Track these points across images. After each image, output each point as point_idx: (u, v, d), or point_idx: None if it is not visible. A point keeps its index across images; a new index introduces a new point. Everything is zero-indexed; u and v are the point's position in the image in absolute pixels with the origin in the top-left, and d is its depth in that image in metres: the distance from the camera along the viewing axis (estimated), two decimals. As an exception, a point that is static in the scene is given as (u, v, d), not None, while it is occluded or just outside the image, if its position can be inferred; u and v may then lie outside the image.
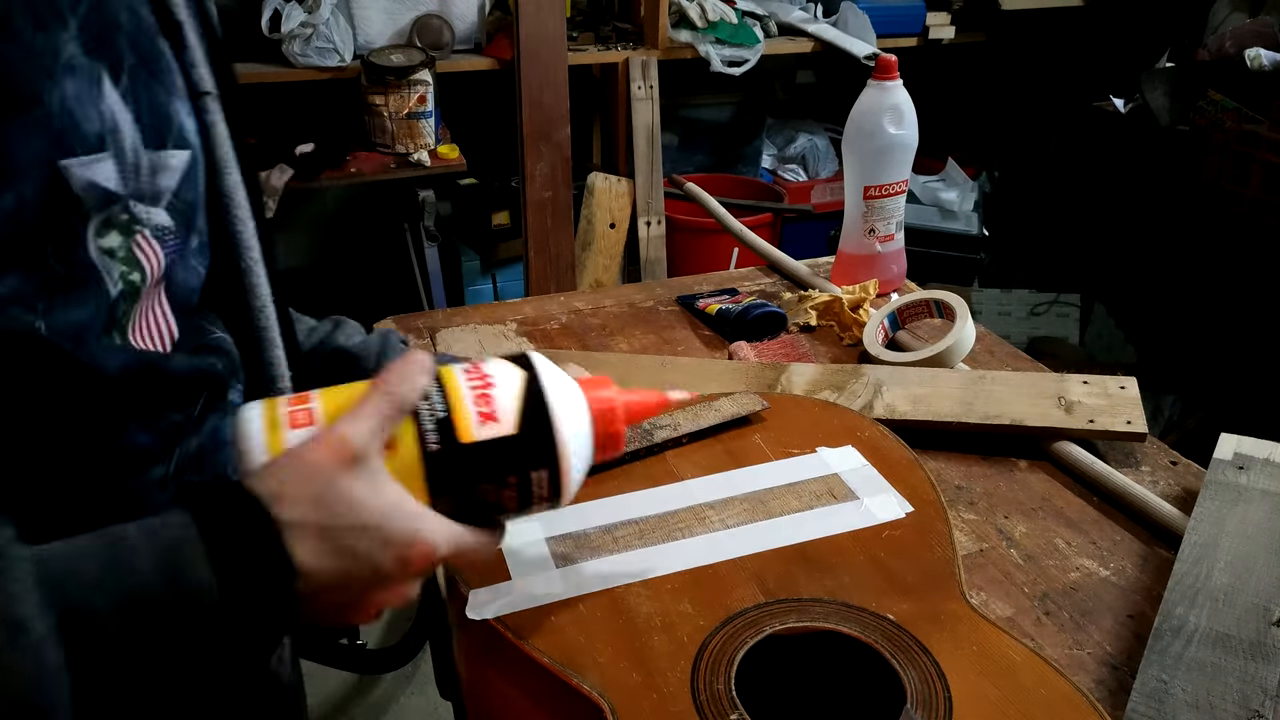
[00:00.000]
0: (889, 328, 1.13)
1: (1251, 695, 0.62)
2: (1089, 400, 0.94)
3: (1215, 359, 2.43)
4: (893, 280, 1.27)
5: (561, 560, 0.68)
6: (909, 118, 1.21)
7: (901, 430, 0.84)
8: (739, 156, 3.09)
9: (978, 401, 0.95)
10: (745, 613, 0.63)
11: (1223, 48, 2.44)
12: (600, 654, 0.60)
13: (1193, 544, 0.75)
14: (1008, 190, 3.23)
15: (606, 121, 2.88)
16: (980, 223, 2.82)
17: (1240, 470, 0.83)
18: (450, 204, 2.85)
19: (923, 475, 0.77)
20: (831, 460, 0.79)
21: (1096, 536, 0.82)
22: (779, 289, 1.29)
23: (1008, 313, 2.89)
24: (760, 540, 0.70)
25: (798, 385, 1.00)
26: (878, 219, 1.25)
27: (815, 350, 1.14)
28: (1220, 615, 0.68)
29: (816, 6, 3.00)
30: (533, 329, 1.18)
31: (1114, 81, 2.68)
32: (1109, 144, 2.69)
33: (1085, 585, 0.77)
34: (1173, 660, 0.65)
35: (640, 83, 2.69)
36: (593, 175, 2.73)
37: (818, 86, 3.39)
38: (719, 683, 0.58)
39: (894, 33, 2.90)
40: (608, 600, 0.64)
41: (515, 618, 0.63)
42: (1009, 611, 0.74)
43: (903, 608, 0.63)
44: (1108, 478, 0.87)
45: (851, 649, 0.61)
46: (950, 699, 0.57)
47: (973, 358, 1.08)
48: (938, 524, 0.71)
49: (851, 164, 1.25)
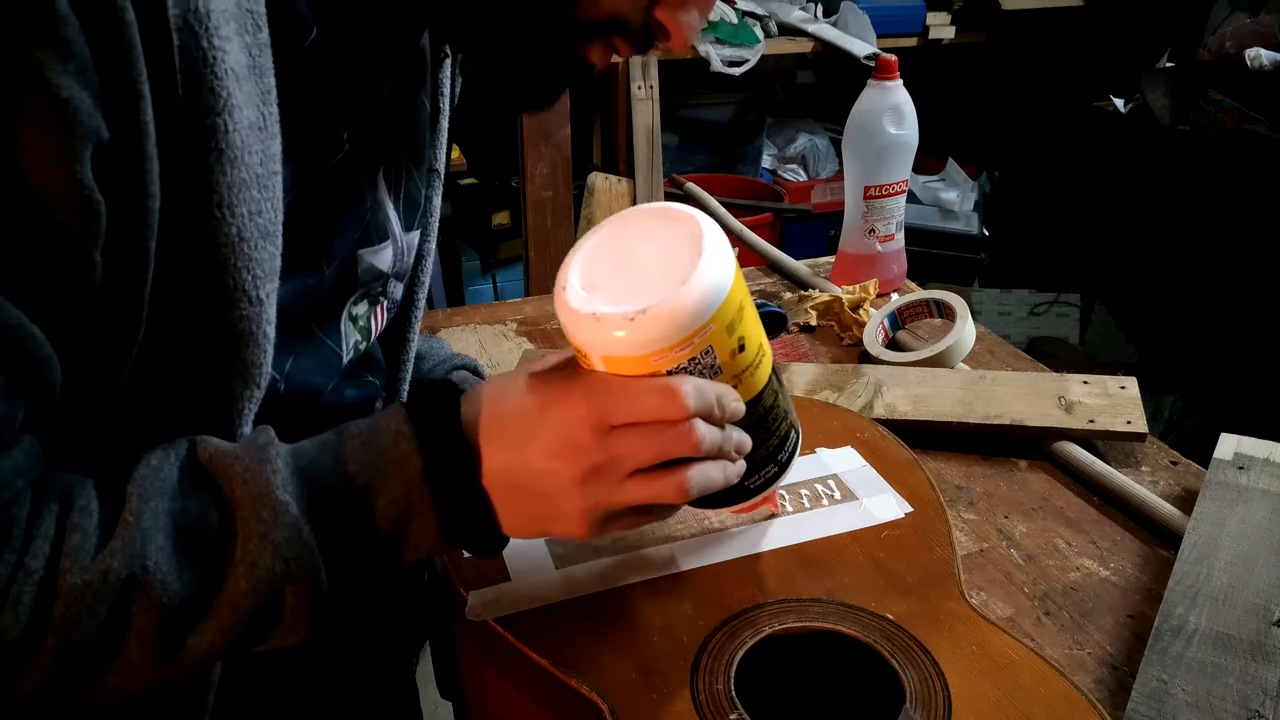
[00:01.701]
0: (889, 328, 1.13)
1: (1251, 695, 0.62)
2: (1089, 400, 0.94)
3: (1215, 359, 2.43)
4: (893, 280, 1.27)
5: (561, 561, 0.68)
6: (909, 118, 1.21)
7: (901, 430, 0.84)
8: (739, 156, 3.09)
9: (978, 401, 0.95)
10: (744, 613, 0.63)
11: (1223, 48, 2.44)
12: (600, 654, 0.60)
13: (1193, 544, 0.75)
14: (1008, 190, 3.23)
15: (606, 121, 2.88)
16: (980, 223, 2.82)
17: (1240, 470, 0.83)
18: (450, 204, 2.85)
19: (922, 475, 0.76)
20: (831, 461, 0.78)
21: (1096, 536, 0.82)
22: (779, 289, 1.29)
23: (1008, 313, 2.89)
24: (760, 541, 0.70)
25: (798, 385, 1.00)
26: (878, 219, 1.25)
27: (815, 350, 1.14)
28: (1220, 615, 0.68)
29: (816, 6, 3.00)
30: (533, 329, 1.18)
31: (1114, 81, 2.68)
32: (1109, 144, 2.69)
33: (1085, 585, 0.77)
34: (1173, 660, 0.65)
35: (640, 83, 2.69)
36: (593, 175, 2.72)
37: (818, 86, 3.39)
38: (718, 683, 0.57)
39: (894, 33, 2.89)
40: (607, 601, 0.64)
41: (515, 618, 0.63)
42: (1009, 611, 0.74)
43: (902, 608, 0.63)
44: (1108, 478, 0.87)
45: (851, 649, 0.61)
46: (949, 699, 0.57)
47: (973, 358, 1.08)
48: (937, 524, 0.71)
49: (851, 164, 1.25)
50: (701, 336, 0.52)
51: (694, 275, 0.51)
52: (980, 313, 2.83)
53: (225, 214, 0.48)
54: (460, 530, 0.53)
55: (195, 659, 0.48)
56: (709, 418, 0.52)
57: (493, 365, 1.10)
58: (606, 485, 0.51)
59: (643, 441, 0.51)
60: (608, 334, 0.51)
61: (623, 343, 0.51)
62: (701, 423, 0.52)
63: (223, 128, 0.47)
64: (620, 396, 0.51)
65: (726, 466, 0.54)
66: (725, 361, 0.54)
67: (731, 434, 0.55)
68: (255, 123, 0.49)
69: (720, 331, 0.53)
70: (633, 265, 0.54)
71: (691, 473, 0.52)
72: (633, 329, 0.51)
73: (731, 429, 0.55)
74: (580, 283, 0.53)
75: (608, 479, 0.51)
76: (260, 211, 0.50)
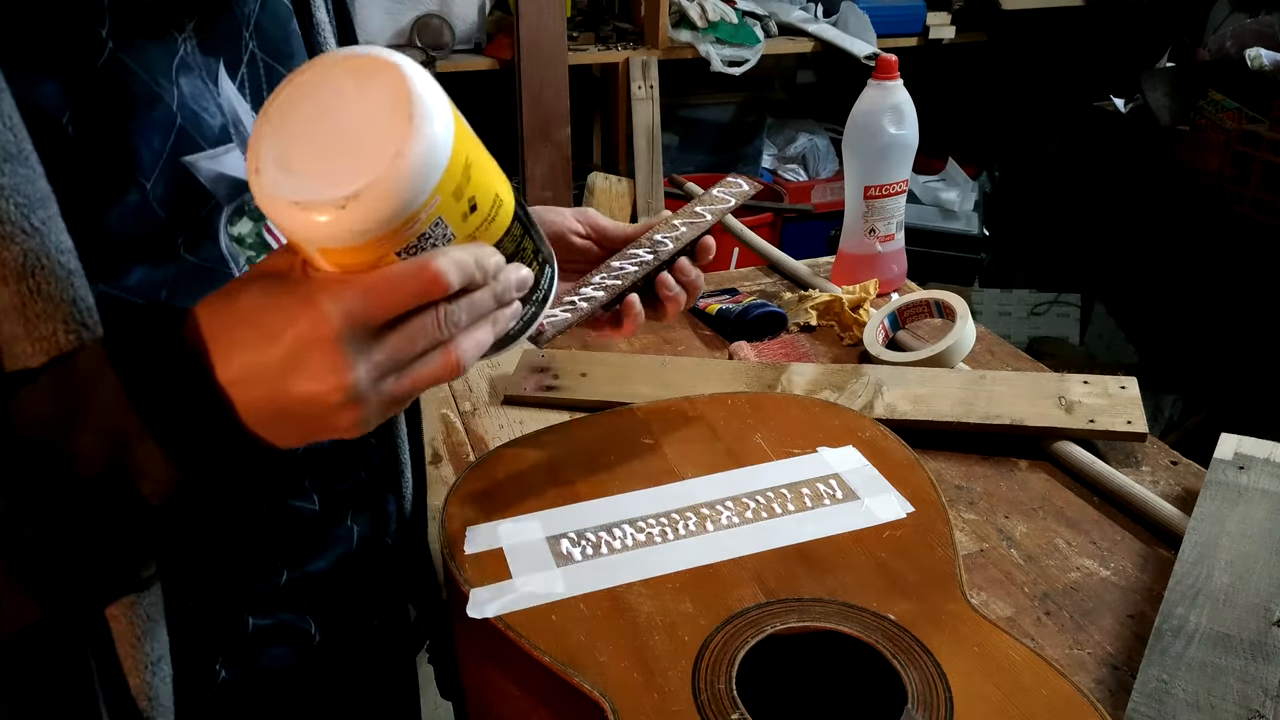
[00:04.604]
0: (889, 328, 1.13)
1: (1252, 695, 0.62)
2: (1089, 400, 0.94)
3: (1215, 359, 2.43)
4: (893, 280, 1.27)
5: (562, 559, 0.68)
6: (909, 117, 1.21)
7: (901, 430, 0.84)
8: (739, 156, 3.09)
9: (978, 401, 0.95)
10: (746, 612, 0.63)
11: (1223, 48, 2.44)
12: (601, 653, 0.60)
13: (1193, 544, 0.75)
14: (1008, 190, 3.23)
15: (606, 121, 2.88)
16: (980, 223, 2.82)
17: (1241, 470, 0.83)
18: (450, 204, 2.85)
19: (923, 475, 0.77)
20: (832, 460, 0.79)
21: (1097, 536, 0.82)
22: (779, 289, 1.29)
23: (1008, 313, 2.89)
24: (761, 540, 0.70)
25: (798, 385, 1.00)
26: (878, 219, 1.25)
27: (815, 350, 1.14)
28: (1221, 615, 0.68)
29: (816, 6, 3.00)
30: (533, 329, 1.18)
31: (1114, 81, 2.68)
32: (1109, 144, 2.69)
33: (1085, 585, 0.77)
34: (1173, 660, 0.65)
35: (640, 83, 2.69)
36: (593, 175, 2.73)
37: (818, 86, 3.39)
38: (720, 682, 0.58)
39: (894, 33, 2.90)
40: (608, 599, 0.64)
41: (516, 617, 0.62)
42: (1009, 611, 0.74)
43: (904, 608, 0.63)
44: (1108, 478, 0.87)
45: (853, 649, 0.61)
46: (951, 699, 0.57)
47: (973, 358, 1.08)
48: (938, 524, 0.71)
49: (852, 164, 1.25)
50: (428, 211, 0.46)
51: (408, 144, 0.44)
52: (980, 313, 2.83)
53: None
54: (196, 452, 0.46)
55: None
56: (471, 285, 0.48)
57: (493, 365, 1.10)
58: (376, 393, 0.46)
59: (408, 341, 0.46)
60: (317, 224, 0.44)
61: (337, 233, 0.44)
62: (474, 296, 0.48)
63: None
64: (373, 296, 0.45)
65: (496, 320, 0.51)
66: (458, 226, 0.48)
67: (496, 285, 0.50)
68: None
69: (448, 200, 0.46)
70: (334, 132, 0.45)
71: (462, 347, 0.48)
72: (345, 217, 0.44)
73: (494, 281, 0.50)
74: (275, 161, 0.45)
75: (377, 387, 0.46)
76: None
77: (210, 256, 0.57)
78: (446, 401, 1.05)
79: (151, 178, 0.54)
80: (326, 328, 0.44)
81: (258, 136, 0.46)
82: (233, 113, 0.59)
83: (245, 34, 0.61)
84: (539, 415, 1.01)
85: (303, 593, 0.66)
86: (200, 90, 0.58)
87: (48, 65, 0.50)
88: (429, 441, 0.97)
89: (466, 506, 0.72)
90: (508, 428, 0.99)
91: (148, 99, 0.54)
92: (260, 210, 0.57)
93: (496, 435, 0.98)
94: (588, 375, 1.04)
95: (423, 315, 0.47)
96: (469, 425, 1.01)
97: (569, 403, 1.01)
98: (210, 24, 0.58)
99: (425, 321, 0.47)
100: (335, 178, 0.44)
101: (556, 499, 0.73)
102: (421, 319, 0.47)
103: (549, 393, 1.02)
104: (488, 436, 0.98)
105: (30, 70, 0.49)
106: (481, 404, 1.04)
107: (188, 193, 0.56)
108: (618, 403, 0.95)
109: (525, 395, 1.03)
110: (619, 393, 1.00)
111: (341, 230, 0.44)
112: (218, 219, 0.58)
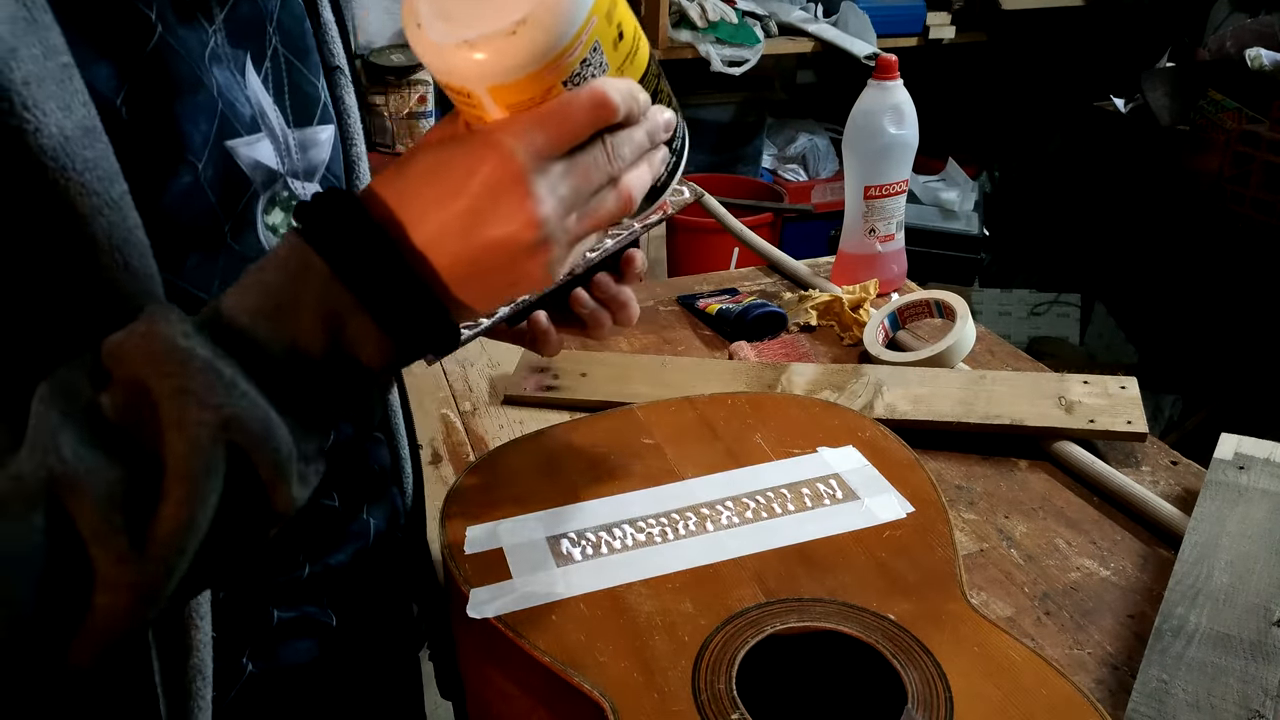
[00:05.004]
0: (889, 328, 1.13)
1: (1252, 695, 0.62)
2: (1089, 400, 0.94)
3: (1215, 359, 2.43)
4: (893, 280, 1.27)
5: (562, 559, 0.68)
6: (909, 117, 1.21)
7: (901, 430, 0.84)
8: (739, 156, 3.08)
9: (978, 401, 0.95)
10: (746, 612, 0.63)
11: (1223, 48, 2.44)
12: (601, 653, 0.60)
13: (1193, 544, 0.75)
14: (1008, 190, 3.23)
15: (607, 121, 2.88)
16: (980, 223, 2.82)
17: (1241, 470, 0.83)
18: (450, 204, 2.85)
19: (923, 475, 0.77)
20: (832, 460, 0.79)
21: (1097, 536, 0.82)
22: (779, 289, 1.29)
23: (1008, 313, 2.89)
24: (761, 540, 0.70)
25: (798, 385, 1.00)
26: (878, 219, 1.25)
27: (815, 350, 1.14)
28: (1221, 615, 0.68)
29: (816, 6, 3.00)
30: (533, 329, 1.18)
31: (1114, 81, 2.68)
32: (1109, 144, 2.69)
33: (1085, 585, 0.77)
34: (1173, 660, 0.65)
35: (640, 82, 2.69)
36: (593, 175, 2.72)
37: (818, 86, 3.39)
38: (720, 682, 0.58)
39: (894, 33, 2.89)
40: (608, 599, 0.64)
41: (516, 616, 0.63)
42: (1009, 611, 0.74)
43: (904, 608, 0.63)
44: (1108, 478, 0.87)
45: (853, 649, 0.61)
46: (951, 699, 0.57)
47: (973, 358, 1.08)
48: (938, 524, 0.71)
49: (852, 164, 1.25)
50: (588, 32, 0.46)
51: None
52: (980, 313, 2.83)
53: (35, 114, 0.44)
54: (406, 321, 0.47)
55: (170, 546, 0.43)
56: (630, 118, 0.48)
57: (493, 365, 1.10)
58: (564, 230, 0.47)
59: (584, 176, 0.47)
60: (488, 61, 0.45)
61: (511, 64, 0.45)
62: (632, 131, 0.48)
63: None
64: (551, 125, 0.46)
65: (653, 159, 0.51)
66: (610, 54, 0.48)
67: (647, 123, 0.50)
68: (15, 14, 0.45)
69: (602, 23, 0.47)
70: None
71: (630, 182, 0.49)
72: (516, 44, 0.44)
73: (644, 119, 0.50)
74: (433, 12, 0.46)
75: (564, 224, 0.47)
76: (69, 107, 0.46)
77: (250, 246, 0.58)
78: (446, 401, 1.05)
79: (202, 159, 0.55)
80: (514, 164, 0.45)
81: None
82: (259, 105, 0.60)
83: (269, 28, 0.62)
84: (539, 415, 1.01)
85: (323, 586, 0.67)
86: (230, 81, 0.58)
87: (102, 47, 0.50)
88: (429, 441, 0.98)
89: (466, 506, 0.72)
90: (508, 428, 0.99)
91: (192, 83, 0.55)
92: (288, 201, 0.60)
93: (496, 435, 0.98)
94: (588, 375, 1.04)
95: (593, 148, 0.47)
96: (469, 425, 1.01)
97: (569, 403, 1.02)
98: (237, 16, 0.59)
99: (596, 154, 0.47)
100: (498, 11, 0.45)
101: (556, 499, 0.73)
102: (593, 151, 0.47)
103: (549, 393, 1.03)
104: (488, 436, 0.98)
105: (86, 52, 0.49)
106: (481, 404, 1.04)
107: (232, 178, 0.57)
108: (618, 403, 0.95)
109: (525, 395, 1.03)
110: (619, 393, 1.00)
111: (514, 61, 0.45)
112: (255, 207, 0.59)
